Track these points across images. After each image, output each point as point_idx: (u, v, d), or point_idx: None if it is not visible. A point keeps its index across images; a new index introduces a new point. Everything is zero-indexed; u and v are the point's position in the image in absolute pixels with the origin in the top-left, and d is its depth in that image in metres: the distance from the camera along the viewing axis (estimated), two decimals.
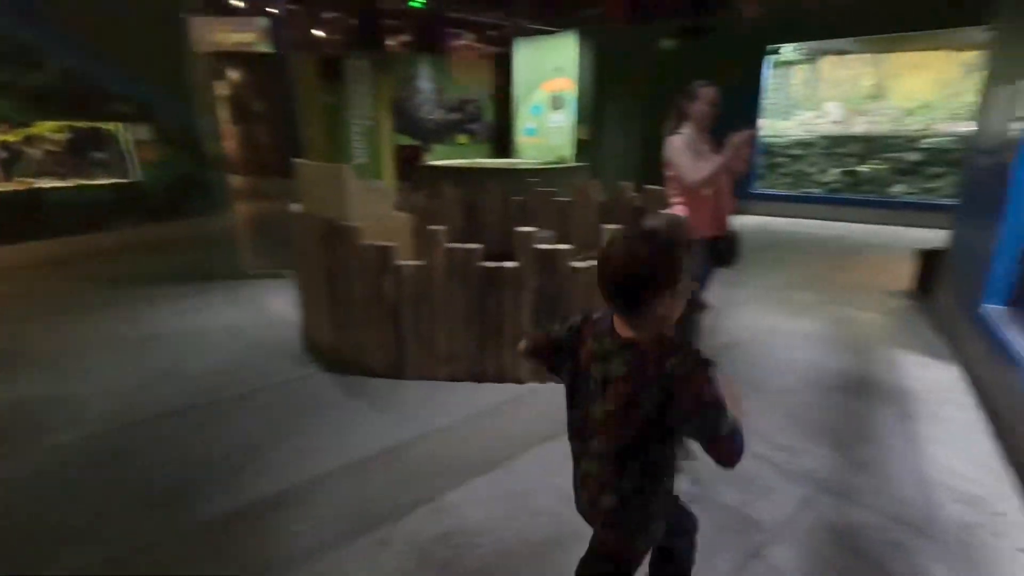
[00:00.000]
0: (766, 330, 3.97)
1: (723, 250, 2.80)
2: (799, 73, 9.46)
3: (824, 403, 2.92)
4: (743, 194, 9.31)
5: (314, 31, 11.56)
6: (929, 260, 4.64)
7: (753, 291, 4.82)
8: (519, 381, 3.12)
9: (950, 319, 3.78)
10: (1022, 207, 2.92)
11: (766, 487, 2.24)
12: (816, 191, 9.09)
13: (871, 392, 3.04)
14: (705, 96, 2.65)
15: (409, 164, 9.78)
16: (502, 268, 2.96)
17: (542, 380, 3.11)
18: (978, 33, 6.38)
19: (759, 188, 9.51)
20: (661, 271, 1.02)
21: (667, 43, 9.46)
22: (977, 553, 1.90)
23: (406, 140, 10.28)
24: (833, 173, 8.93)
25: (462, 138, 11.24)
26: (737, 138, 2.47)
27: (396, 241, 3.04)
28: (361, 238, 3.01)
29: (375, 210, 3.21)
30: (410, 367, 3.18)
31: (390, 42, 12.93)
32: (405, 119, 10.30)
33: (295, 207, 3.62)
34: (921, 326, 4.03)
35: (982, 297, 3.11)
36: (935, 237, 4.89)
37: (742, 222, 9.24)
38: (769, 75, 9.17)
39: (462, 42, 13.66)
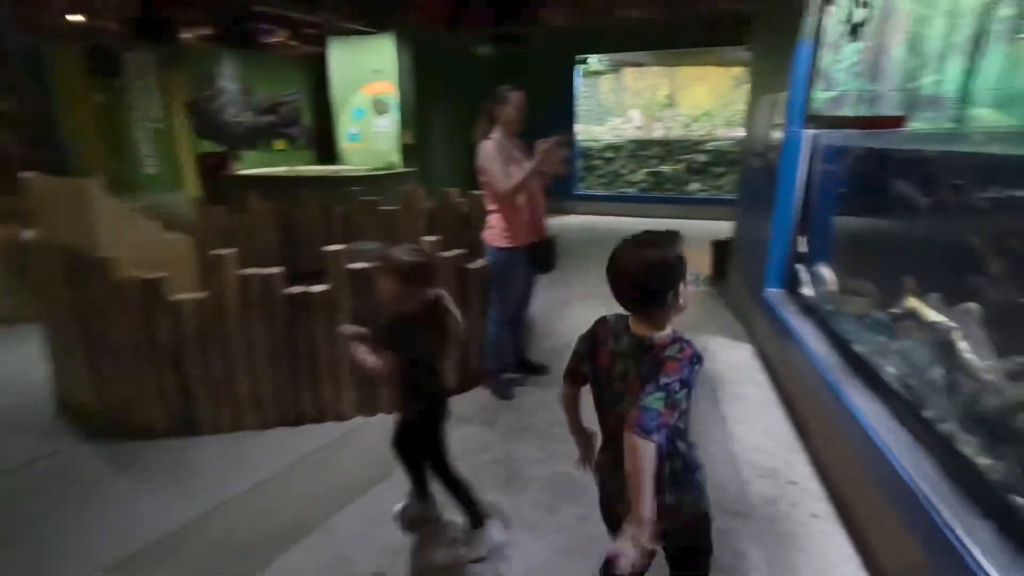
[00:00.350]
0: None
1: (541, 255, 2.77)
2: (606, 83, 10.28)
3: None
4: (567, 196, 9.86)
5: (71, 15, 9.61)
6: (721, 250, 5.24)
7: (579, 290, 5.01)
8: (342, 418, 2.78)
9: (742, 303, 4.28)
10: (788, 202, 3.35)
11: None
12: (629, 190, 9.94)
13: None
14: (513, 100, 2.58)
15: (214, 174, 8.62)
16: (310, 293, 2.59)
17: (370, 413, 2.81)
18: (741, 52, 7.47)
19: (581, 189, 10.13)
20: (673, 268, 1.14)
21: (483, 49, 9.61)
22: (780, 525, 2.06)
23: (210, 146, 9.07)
24: (641, 174, 9.85)
25: (280, 143, 10.28)
26: (545, 144, 2.44)
27: (171, 270, 2.50)
28: (117, 271, 2.41)
29: (136, 233, 2.61)
30: (204, 421, 2.65)
31: (186, 35, 11.29)
32: (207, 122, 9.09)
33: (28, 234, 2.82)
34: (720, 310, 4.51)
35: (765, 282, 3.53)
36: (726, 228, 5.54)
37: (568, 222, 9.59)
38: (580, 83, 9.80)
39: (273, 39, 12.47)
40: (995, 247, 1.87)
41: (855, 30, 2.72)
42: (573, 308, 4.54)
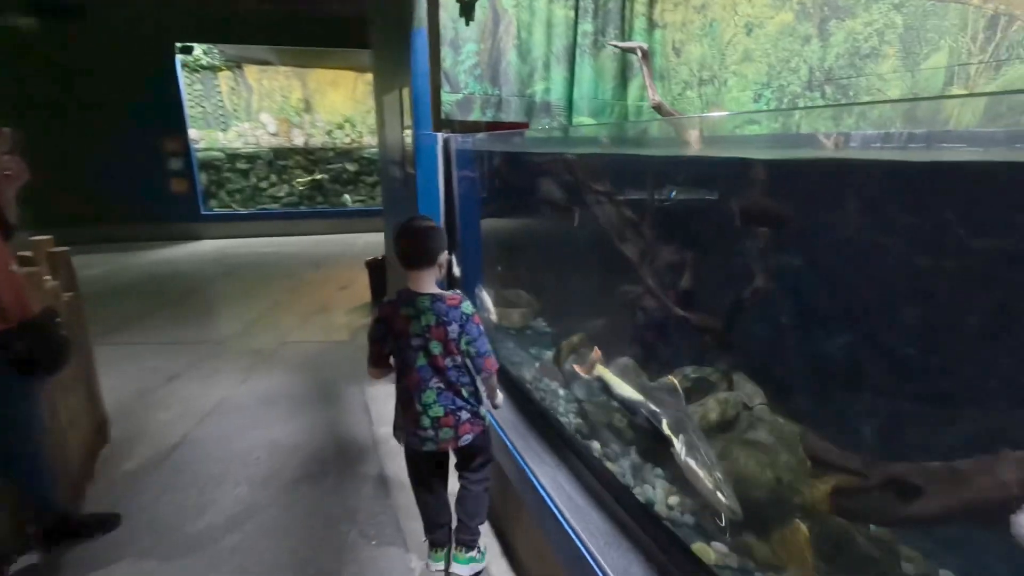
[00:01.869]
0: (214, 408, 2.92)
1: (26, 351, 1.50)
2: (226, 81, 8.63)
3: (290, 514, 2.12)
4: (192, 217, 7.89)
5: None
6: (377, 270, 4.64)
7: (198, 352, 3.67)
8: None
9: None
10: (431, 209, 2.88)
11: None
12: (273, 207, 8.61)
13: (346, 463, 2.45)
14: None
15: None
16: None
17: None
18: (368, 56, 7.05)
19: (212, 209, 8.29)
20: (442, 233, 1.63)
21: (24, 22, 6.80)
22: None
23: None
24: (286, 187, 8.64)
25: None
26: None
27: None
28: None
29: None
30: None
31: None
32: None
33: None
34: None
35: None
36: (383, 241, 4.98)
37: (193, 251, 7.63)
38: (185, 78, 7.93)
39: None
40: (626, 243, 1.98)
41: (467, 10, 2.35)
42: (186, 384, 3.22)
